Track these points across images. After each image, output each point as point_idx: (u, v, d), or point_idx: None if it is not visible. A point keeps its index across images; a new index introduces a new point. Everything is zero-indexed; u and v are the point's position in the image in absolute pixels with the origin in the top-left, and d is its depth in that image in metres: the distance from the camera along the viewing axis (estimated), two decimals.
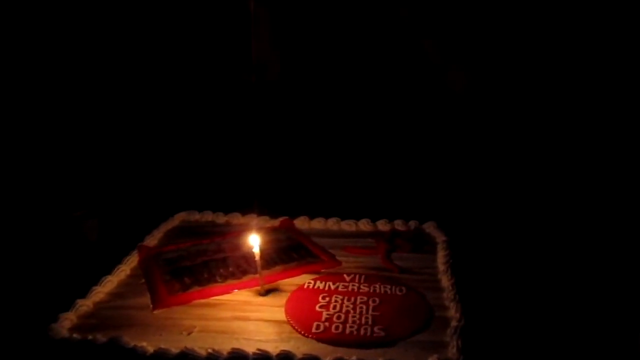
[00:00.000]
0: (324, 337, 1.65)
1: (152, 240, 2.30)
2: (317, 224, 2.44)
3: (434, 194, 2.68)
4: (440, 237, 2.28)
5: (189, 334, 1.69)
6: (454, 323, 1.69)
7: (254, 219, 2.46)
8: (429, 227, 2.37)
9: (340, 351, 1.58)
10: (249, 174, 2.64)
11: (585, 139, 2.56)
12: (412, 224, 2.40)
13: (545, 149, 2.62)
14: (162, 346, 1.60)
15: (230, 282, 1.97)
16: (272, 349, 1.59)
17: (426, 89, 2.66)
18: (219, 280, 1.98)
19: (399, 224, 2.40)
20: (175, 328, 1.72)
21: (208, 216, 2.53)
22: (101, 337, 1.64)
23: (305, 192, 2.70)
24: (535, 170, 2.62)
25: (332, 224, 2.43)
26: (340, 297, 1.86)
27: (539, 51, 2.52)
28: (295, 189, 2.71)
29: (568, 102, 2.55)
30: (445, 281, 1.94)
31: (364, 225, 2.41)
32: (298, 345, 1.62)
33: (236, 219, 2.49)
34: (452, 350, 1.57)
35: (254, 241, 1.90)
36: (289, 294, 1.89)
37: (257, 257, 1.89)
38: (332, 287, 1.92)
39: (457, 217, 2.49)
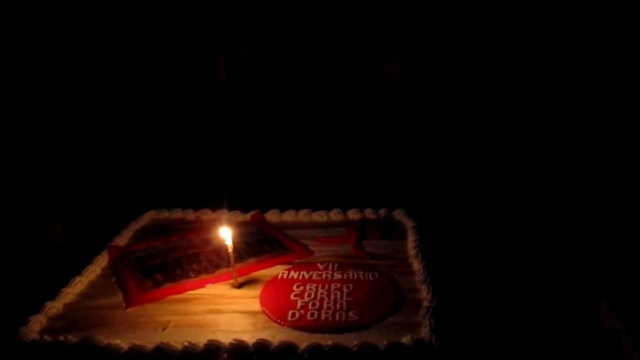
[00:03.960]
0: (299, 325, 1.67)
1: (121, 240, 2.26)
2: (289, 216, 2.45)
3: (404, 182, 2.73)
4: (409, 224, 2.31)
5: (163, 329, 1.68)
6: (425, 304, 1.72)
7: (224, 214, 2.43)
8: (399, 215, 2.41)
9: (316, 337, 1.60)
10: (218, 170, 2.63)
11: (543, 127, 2.66)
12: (382, 212, 2.44)
13: (509, 135, 2.70)
14: (137, 342, 1.58)
15: (203, 276, 1.96)
16: (249, 338, 1.58)
17: (390, 82, 2.71)
18: (192, 275, 1.96)
19: (369, 213, 2.43)
20: (149, 325, 1.70)
21: (177, 213, 2.50)
22: (73, 338, 1.61)
23: (276, 185, 2.71)
24: (499, 156, 2.70)
25: (303, 215, 2.45)
26: (315, 285, 1.87)
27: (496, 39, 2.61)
28: (266, 182, 2.71)
29: (520, 91, 2.64)
30: (416, 265, 1.98)
31: (335, 215, 2.43)
32: (274, 333, 1.63)
33: (206, 215, 2.47)
34: (424, 330, 1.60)
35: (226, 234, 1.90)
36: (263, 285, 1.90)
37: (230, 250, 1.89)
38: (306, 276, 1.94)
39: (425, 204, 2.54)
